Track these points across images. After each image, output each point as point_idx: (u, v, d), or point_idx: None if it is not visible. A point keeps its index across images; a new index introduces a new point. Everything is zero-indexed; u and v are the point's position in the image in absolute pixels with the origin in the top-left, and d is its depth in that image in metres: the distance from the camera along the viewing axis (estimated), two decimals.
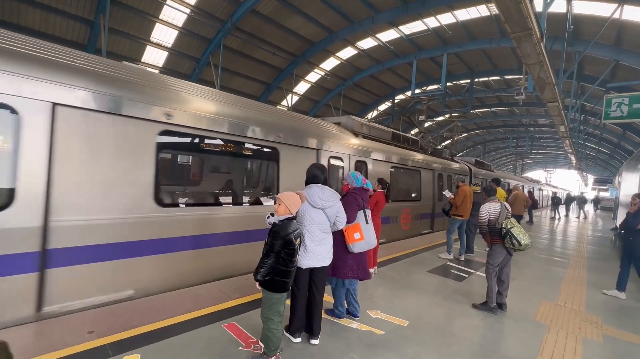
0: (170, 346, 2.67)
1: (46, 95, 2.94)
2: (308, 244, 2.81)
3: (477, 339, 3.27)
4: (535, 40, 5.65)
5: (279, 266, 2.48)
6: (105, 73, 3.43)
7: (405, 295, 4.36)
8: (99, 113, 3.27)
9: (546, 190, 32.62)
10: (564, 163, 55.83)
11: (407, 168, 8.80)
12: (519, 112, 29.65)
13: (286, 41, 17.16)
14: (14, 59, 2.84)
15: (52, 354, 2.42)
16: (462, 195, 6.76)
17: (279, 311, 2.56)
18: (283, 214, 2.56)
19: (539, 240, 10.20)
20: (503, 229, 3.92)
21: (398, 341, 3.09)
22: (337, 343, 2.96)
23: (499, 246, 4.04)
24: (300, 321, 2.89)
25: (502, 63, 19.38)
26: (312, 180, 2.99)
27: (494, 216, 4.08)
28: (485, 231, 4.18)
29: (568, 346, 3.28)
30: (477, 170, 13.89)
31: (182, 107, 3.96)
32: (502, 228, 3.93)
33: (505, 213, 4.03)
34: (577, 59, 12.81)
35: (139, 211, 3.55)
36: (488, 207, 4.18)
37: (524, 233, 3.91)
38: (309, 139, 5.61)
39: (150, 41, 14.75)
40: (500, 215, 4.01)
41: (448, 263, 6.30)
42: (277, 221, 2.54)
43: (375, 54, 19.73)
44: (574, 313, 4.20)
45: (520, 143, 38.26)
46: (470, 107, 20.31)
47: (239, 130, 4.55)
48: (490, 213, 4.13)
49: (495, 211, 4.10)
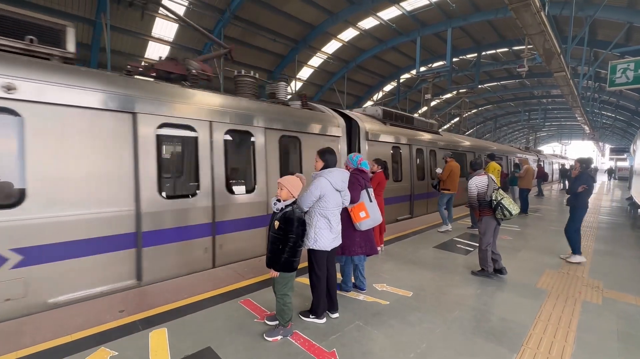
0: (193, 321, 2.96)
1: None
2: (334, 225, 3.00)
3: (477, 305, 3.46)
4: (534, 9, 5.51)
5: (297, 248, 2.69)
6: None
7: (411, 269, 4.55)
8: None
9: (552, 162, 28.76)
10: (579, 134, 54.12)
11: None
12: (530, 84, 28.72)
13: (286, 26, 16.98)
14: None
15: (91, 329, 2.74)
16: (447, 170, 7.08)
17: (291, 286, 2.79)
18: (287, 198, 2.74)
19: (551, 213, 10.18)
20: (494, 201, 4.02)
21: (402, 309, 3.31)
22: (345, 313, 3.20)
23: (489, 218, 4.17)
24: (324, 303, 3.06)
25: (510, 34, 18.68)
26: (331, 163, 3.09)
27: (483, 189, 4.17)
28: (475, 206, 4.27)
29: (566, 309, 3.43)
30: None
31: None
32: (493, 200, 4.03)
33: (493, 185, 4.13)
34: (587, 24, 12.30)
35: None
36: (476, 181, 4.25)
37: (513, 203, 4.03)
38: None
39: (152, 36, 14.86)
40: (489, 188, 4.11)
41: (455, 238, 6.45)
42: (284, 207, 2.70)
43: (377, 34, 19.32)
44: (576, 279, 4.32)
45: (533, 116, 37.24)
46: (477, 82, 19.81)
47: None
48: (479, 186, 4.22)
49: (484, 184, 4.18)
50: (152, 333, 2.74)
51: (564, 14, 12.32)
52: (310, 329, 2.90)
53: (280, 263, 2.65)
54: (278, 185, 2.77)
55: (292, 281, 2.79)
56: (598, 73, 20.76)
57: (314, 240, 2.93)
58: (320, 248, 2.95)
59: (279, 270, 2.69)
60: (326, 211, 2.95)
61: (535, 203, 12.33)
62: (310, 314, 3.04)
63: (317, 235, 2.94)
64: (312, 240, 2.93)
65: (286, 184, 2.73)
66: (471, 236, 6.61)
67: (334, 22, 17.19)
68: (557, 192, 17.94)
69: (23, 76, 3.04)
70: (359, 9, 16.09)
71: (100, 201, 3.44)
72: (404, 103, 28.82)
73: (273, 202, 2.76)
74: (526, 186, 9.98)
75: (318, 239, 2.94)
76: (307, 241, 2.94)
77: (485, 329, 2.96)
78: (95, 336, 2.65)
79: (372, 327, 2.95)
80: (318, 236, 2.94)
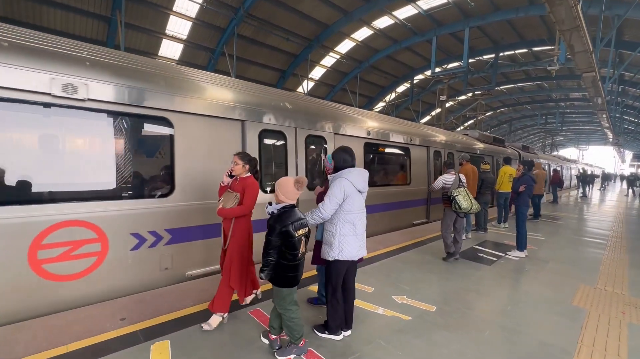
0: (199, 332, 2.72)
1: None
2: (359, 232, 2.72)
3: (510, 325, 3.13)
4: (571, 2, 5.12)
5: (281, 261, 2.31)
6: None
7: (431, 280, 4.23)
8: None
9: (568, 167, 26.74)
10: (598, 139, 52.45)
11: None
12: (548, 87, 27.85)
13: (299, 25, 16.78)
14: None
15: (89, 339, 2.52)
16: (464, 173, 6.44)
17: (293, 301, 2.45)
18: (278, 202, 2.41)
19: (571, 221, 9.67)
20: (451, 196, 4.81)
21: (426, 327, 3.00)
22: (363, 329, 2.91)
23: (448, 209, 5.02)
24: (340, 318, 2.75)
25: (530, 33, 18.09)
26: (345, 164, 2.76)
27: (447, 185, 4.97)
28: (439, 197, 5.39)
29: (611, 332, 3.06)
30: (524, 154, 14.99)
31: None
32: (449, 195, 4.83)
33: (457, 184, 4.84)
34: (616, 24, 11.70)
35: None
36: (445, 178, 5.08)
37: (467, 200, 4.74)
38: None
39: (166, 34, 14.86)
40: (453, 185, 4.86)
41: (475, 246, 6.08)
42: (274, 211, 2.36)
43: (392, 33, 18.96)
44: (616, 297, 3.93)
45: (550, 120, 36.14)
46: (494, 84, 19.23)
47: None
48: (445, 182, 5.04)
49: (449, 182, 4.96)
50: (153, 345, 2.50)
51: (590, 12, 11.76)
52: (326, 347, 2.62)
53: (263, 271, 2.31)
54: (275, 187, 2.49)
55: (291, 296, 2.42)
56: (622, 76, 19.92)
57: (339, 250, 2.64)
58: (346, 258, 2.66)
59: (273, 283, 2.39)
60: (351, 215, 2.67)
61: (551, 210, 11.80)
62: (325, 330, 2.76)
63: (343, 243, 2.64)
64: (336, 250, 2.64)
65: (277, 187, 2.43)
66: (494, 245, 6.23)
67: (348, 21, 16.91)
68: (574, 199, 17.20)
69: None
70: (374, 7, 15.78)
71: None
72: (416, 104, 28.30)
73: (266, 206, 2.45)
74: (537, 192, 9.43)
75: (344, 248, 2.65)
76: (331, 252, 2.65)
77: (523, 355, 2.63)
78: (93, 347, 2.43)
79: (395, 347, 2.65)
80: (344, 244, 2.65)
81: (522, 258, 5.39)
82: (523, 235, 5.47)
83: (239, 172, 2.98)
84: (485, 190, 7.18)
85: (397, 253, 5.40)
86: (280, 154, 4.88)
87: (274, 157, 4.86)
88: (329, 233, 2.70)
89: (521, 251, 5.49)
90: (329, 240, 2.70)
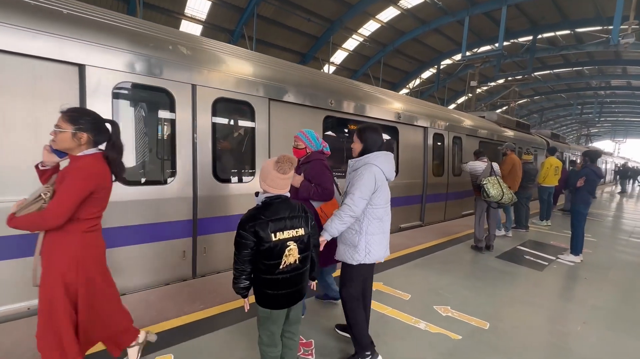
0: (207, 345, 2.28)
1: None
2: (387, 229, 2.21)
3: (586, 353, 2.51)
4: None
5: (257, 272, 1.68)
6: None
7: (476, 287, 3.64)
8: None
9: (604, 160, 23.02)
10: (636, 131, 48.80)
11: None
12: (588, 73, 25.67)
13: (322, 5, 15.89)
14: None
15: None
16: (509, 164, 5.69)
17: (270, 331, 1.73)
18: (267, 193, 1.73)
19: (617, 220, 8.68)
20: (480, 185, 4.64)
21: (482, 350, 2.44)
22: (405, 349, 2.39)
23: (479, 199, 4.88)
24: (367, 335, 2.20)
25: (575, 12, 16.41)
26: (372, 146, 2.17)
27: (476, 173, 4.81)
28: (474, 185, 4.93)
29: None
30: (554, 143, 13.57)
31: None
32: (479, 183, 4.67)
33: (488, 172, 4.70)
34: None
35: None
36: (473, 165, 4.94)
37: (496, 188, 4.54)
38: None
39: (185, 15, 14.41)
40: (484, 173, 4.71)
41: (518, 246, 5.40)
42: (259, 204, 1.72)
43: (420, 13, 17.72)
44: None
45: (586, 110, 33.57)
46: (531, 69, 17.76)
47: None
48: (472, 169, 4.91)
49: (478, 170, 4.81)
50: None
51: None
52: None
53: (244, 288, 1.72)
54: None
55: (268, 323, 1.72)
56: None
57: (366, 251, 2.11)
58: (373, 260, 2.15)
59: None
60: (379, 209, 2.13)
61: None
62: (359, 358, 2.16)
63: (370, 243, 2.11)
64: (363, 252, 2.11)
65: (260, 171, 1.78)
66: (539, 246, 5.52)
67: (374, 0, 15.87)
68: (609, 195, 15.84)
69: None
70: None
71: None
72: (442, 91, 26.87)
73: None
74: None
75: (372, 249, 2.12)
76: (356, 255, 2.11)
77: None
78: None
79: None
80: (371, 244, 2.12)
81: (577, 263, 4.68)
82: (580, 238, 4.76)
83: (65, 146, 1.66)
84: (527, 184, 6.39)
85: (432, 251, 4.82)
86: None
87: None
88: (352, 232, 2.14)
89: (576, 255, 4.78)
90: (351, 240, 2.13)
